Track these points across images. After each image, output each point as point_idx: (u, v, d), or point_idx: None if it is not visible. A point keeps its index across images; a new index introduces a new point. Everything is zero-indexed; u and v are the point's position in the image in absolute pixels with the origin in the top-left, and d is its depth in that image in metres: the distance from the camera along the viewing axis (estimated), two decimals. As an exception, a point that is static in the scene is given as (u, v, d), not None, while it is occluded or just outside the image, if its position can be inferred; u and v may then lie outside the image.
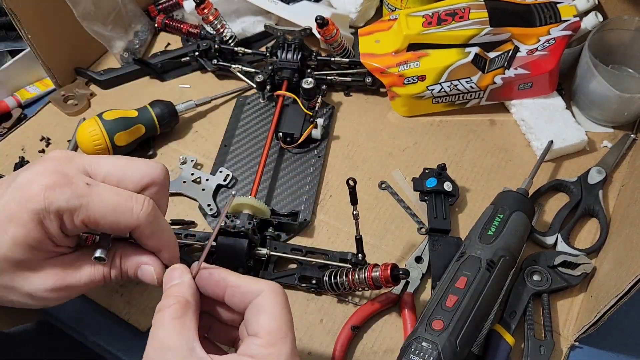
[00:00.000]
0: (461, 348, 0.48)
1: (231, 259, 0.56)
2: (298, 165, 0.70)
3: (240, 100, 0.76)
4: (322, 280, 0.57)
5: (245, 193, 0.67)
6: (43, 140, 0.73)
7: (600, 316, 0.51)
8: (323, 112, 0.74)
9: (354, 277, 0.54)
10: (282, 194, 0.67)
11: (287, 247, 0.61)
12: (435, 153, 0.71)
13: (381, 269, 0.53)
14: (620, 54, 0.74)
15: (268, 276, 0.59)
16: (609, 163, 0.67)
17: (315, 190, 0.67)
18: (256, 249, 0.58)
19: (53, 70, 0.76)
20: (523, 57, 0.69)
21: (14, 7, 0.67)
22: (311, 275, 0.58)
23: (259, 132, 0.73)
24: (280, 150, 0.71)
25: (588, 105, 0.71)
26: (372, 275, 0.53)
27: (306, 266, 0.59)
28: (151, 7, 0.87)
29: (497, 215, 0.57)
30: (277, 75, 0.74)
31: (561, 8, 0.70)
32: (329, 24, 0.70)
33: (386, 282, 0.53)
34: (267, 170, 0.68)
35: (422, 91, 0.71)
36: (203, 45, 0.77)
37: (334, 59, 0.76)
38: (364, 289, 0.55)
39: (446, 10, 0.70)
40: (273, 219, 0.62)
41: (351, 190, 0.51)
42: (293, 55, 0.74)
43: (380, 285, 0.53)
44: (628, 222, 0.58)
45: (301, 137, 0.69)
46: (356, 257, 0.57)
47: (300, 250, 0.60)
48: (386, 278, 0.52)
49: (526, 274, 0.58)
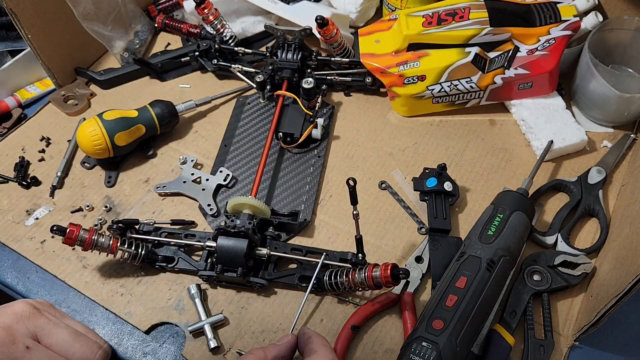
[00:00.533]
0: (461, 348, 0.48)
1: (231, 259, 0.56)
2: (298, 165, 0.70)
3: (240, 100, 0.76)
4: (323, 280, 0.57)
5: (245, 193, 0.67)
6: (43, 140, 0.73)
7: (600, 316, 0.51)
8: (323, 112, 0.74)
9: (354, 277, 0.54)
10: (282, 194, 0.67)
11: (287, 247, 0.61)
12: (435, 153, 0.71)
13: (381, 268, 0.53)
14: (620, 54, 0.74)
15: (268, 276, 0.59)
16: (609, 163, 0.67)
17: (315, 190, 0.67)
18: (256, 248, 0.58)
19: (53, 70, 0.76)
20: (523, 57, 0.69)
21: (14, 7, 0.67)
22: (311, 275, 0.58)
23: (259, 132, 0.73)
24: (281, 150, 0.71)
25: (588, 105, 0.71)
26: (372, 275, 0.53)
27: (306, 266, 0.59)
28: (151, 7, 0.87)
29: (497, 215, 0.57)
30: (277, 75, 0.74)
31: (561, 8, 0.70)
32: (329, 24, 0.70)
33: (386, 282, 0.53)
34: (267, 170, 0.68)
35: (422, 91, 0.71)
36: (203, 45, 0.77)
37: (334, 59, 0.76)
38: (364, 288, 0.55)
39: (446, 10, 0.70)
40: (273, 219, 0.62)
41: (351, 190, 0.51)
42: (293, 55, 0.74)
43: (381, 285, 0.53)
44: (628, 221, 0.58)
45: (301, 137, 0.69)
46: (356, 257, 0.57)
47: (301, 250, 0.60)
48: (386, 278, 0.52)
49: (526, 273, 0.58)
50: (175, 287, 0.60)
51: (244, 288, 0.60)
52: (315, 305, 0.59)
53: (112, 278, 0.61)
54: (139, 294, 0.60)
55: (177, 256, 0.61)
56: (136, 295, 0.60)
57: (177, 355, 0.56)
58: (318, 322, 0.58)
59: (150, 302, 0.59)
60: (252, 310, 0.59)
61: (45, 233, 0.65)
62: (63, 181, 0.69)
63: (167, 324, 0.58)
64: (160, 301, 0.59)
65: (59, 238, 0.64)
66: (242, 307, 0.59)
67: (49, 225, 0.65)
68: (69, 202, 0.67)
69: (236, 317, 0.58)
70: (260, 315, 0.58)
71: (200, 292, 0.59)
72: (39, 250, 0.63)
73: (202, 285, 0.60)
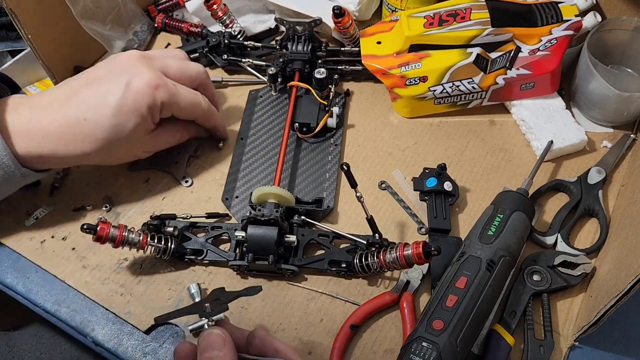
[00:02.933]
0: (461, 348, 0.48)
1: (262, 247, 0.57)
2: (316, 154, 0.70)
3: (252, 94, 0.77)
4: (353, 263, 0.58)
5: (267, 183, 0.67)
6: (43, 140, 0.73)
7: (600, 316, 0.51)
8: (336, 101, 0.75)
9: (385, 257, 0.55)
10: (302, 183, 0.68)
11: (314, 233, 0.61)
12: (435, 153, 0.71)
13: (412, 247, 0.53)
14: (619, 54, 0.74)
15: (298, 262, 0.59)
16: (609, 163, 0.67)
17: (335, 177, 0.68)
18: (285, 236, 0.59)
19: (53, 70, 0.76)
20: (525, 57, 0.69)
21: (14, 7, 0.67)
22: (340, 259, 0.59)
23: (273, 123, 0.74)
24: (297, 140, 0.72)
25: (588, 105, 0.71)
26: (404, 254, 0.54)
27: (334, 251, 0.60)
28: (151, 7, 0.87)
29: (497, 215, 0.57)
30: (288, 67, 0.74)
31: (562, 8, 0.70)
32: (345, 14, 0.71)
33: (418, 259, 0.53)
34: (286, 160, 0.69)
35: (424, 92, 0.71)
36: (212, 40, 0.78)
37: (344, 49, 0.77)
38: (395, 268, 0.56)
39: (447, 11, 0.70)
40: (298, 207, 0.62)
41: (346, 173, 0.55)
42: (303, 47, 0.74)
43: (412, 263, 0.54)
44: (628, 222, 0.58)
45: (318, 126, 0.69)
46: (373, 237, 0.58)
47: (327, 236, 0.61)
48: (418, 255, 0.53)
49: (526, 274, 0.58)
50: (175, 287, 0.60)
51: (275, 276, 0.60)
52: (315, 305, 0.59)
53: (111, 278, 0.61)
54: (139, 294, 0.60)
55: (206, 248, 0.61)
56: (136, 295, 0.60)
57: (177, 355, 0.56)
58: (318, 322, 0.58)
59: (150, 302, 0.59)
60: (251, 310, 0.59)
61: (45, 233, 0.65)
62: (63, 181, 0.69)
63: (167, 323, 0.58)
64: (160, 301, 0.59)
65: (58, 238, 0.64)
66: (242, 307, 0.59)
67: (49, 225, 0.65)
68: (69, 202, 0.67)
69: (236, 317, 0.58)
70: (260, 315, 0.58)
71: (200, 292, 0.59)
72: (39, 250, 0.63)
73: (232, 276, 0.61)
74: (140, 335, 0.58)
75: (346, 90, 0.77)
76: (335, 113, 0.71)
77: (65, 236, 0.64)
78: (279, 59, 0.75)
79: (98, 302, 0.60)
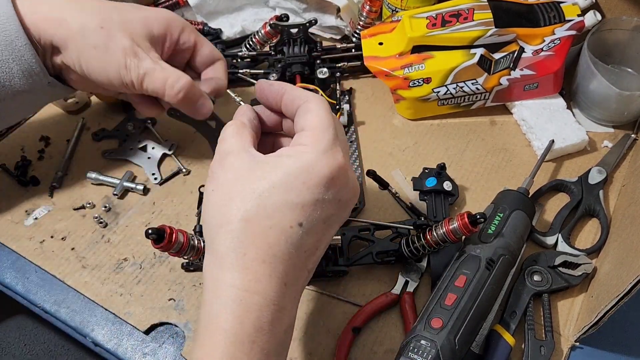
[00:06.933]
0: (460, 346, 0.48)
1: None
2: None
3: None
4: (401, 250, 0.58)
5: None
6: (42, 140, 0.73)
7: (600, 316, 0.51)
8: (344, 98, 0.75)
9: (432, 236, 0.55)
10: None
11: (354, 230, 0.61)
12: (435, 153, 0.71)
13: (457, 219, 0.53)
14: (619, 54, 0.74)
15: (346, 262, 0.59)
16: (610, 163, 0.67)
17: (358, 174, 0.68)
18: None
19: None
20: (529, 58, 0.69)
21: (14, 7, 0.67)
22: (387, 249, 0.59)
23: None
24: None
25: (588, 105, 0.71)
26: (450, 229, 0.53)
27: (378, 243, 0.59)
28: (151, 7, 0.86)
29: (497, 214, 0.57)
30: (287, 72, 0.74)
31: (564, 7, 0.70)
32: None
33: (466, 230, 0.52)
34: None
35: (427, 94, 0.71)
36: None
37: (339, 46, 0.77)
38: (444, 243, 0.55)
39: (450, 12, 0.70)
40: None
41: (374, 178, 0.62)
42: (300, 49, 0.74)
43: (461, 236, 0.53)
44: (628, 222, 0.58)
45: None
46: (418, 219, 0.60)
47: (369, 230, 0.61)
48: (465, 225, 0.52)
49: (526, 274, 0.58)
50: (175, 287, 0.60)
51: (323, 279, 0.60)
52: (315, 305, 0.59)
53: (111, 278, 0.61)
54: (139, 294, 0.60)
55: None
56: (135, 295, 0.60)
57: (177, 355, 0.56)
58: (318, 322, 0.58)
59: (150, 302, 0.59)
60: (251, 310, 0.58)
61: (45, 233, 0.65)
62: (62, 181, 0.69)
63: (166, 324, 0.58)
64: (160, 301, 0.59)
65: (58, 238, 0.64)
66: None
67: (48, 225, 0.65)
68: (68, 202, 0.67)
69: (236, 317, 0.58)
70: (260, 315, 0.58)
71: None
72: (38, 250, 0.63)
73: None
74: (139, 335, 0.58)
75: (349, 89, 0.77)
76: (345, 110, 0.71)
77: (64, 236, 0.64)
78: (277, 65, 0.75)
79: (97, 303, 0.59)
